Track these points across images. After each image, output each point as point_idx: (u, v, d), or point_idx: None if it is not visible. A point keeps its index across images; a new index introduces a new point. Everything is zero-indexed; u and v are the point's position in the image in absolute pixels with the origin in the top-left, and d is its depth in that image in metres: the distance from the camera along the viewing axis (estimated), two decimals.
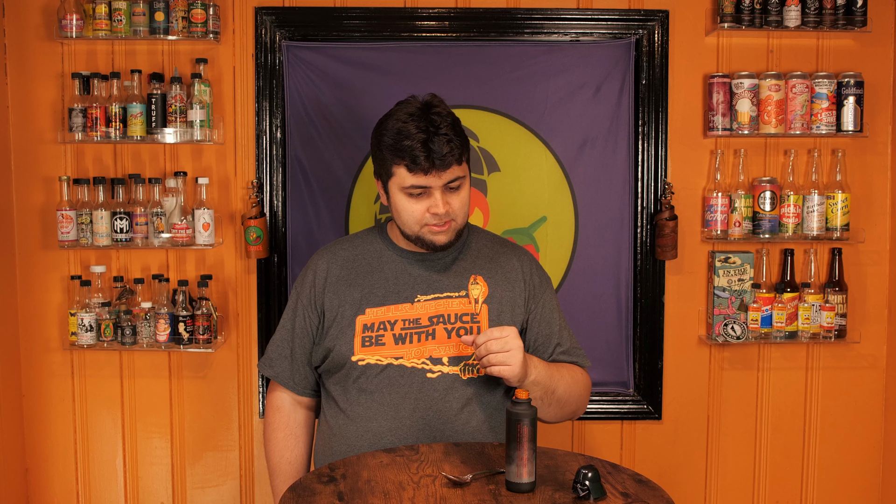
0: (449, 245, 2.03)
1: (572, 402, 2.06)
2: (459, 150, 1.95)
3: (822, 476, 2.94)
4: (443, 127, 1.93)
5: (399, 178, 1.96)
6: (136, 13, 2.67)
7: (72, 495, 2.90)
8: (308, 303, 2.09)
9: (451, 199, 1.98)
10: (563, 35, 2.80)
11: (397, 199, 1.99)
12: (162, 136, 2.68)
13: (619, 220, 2.84)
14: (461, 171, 1.98)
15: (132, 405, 2.88)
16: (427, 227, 1.98)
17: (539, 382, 1.95)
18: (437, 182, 1.94)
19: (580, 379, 2.09)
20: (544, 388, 1.97)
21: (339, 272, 2.08)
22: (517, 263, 2.13)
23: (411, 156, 1.91)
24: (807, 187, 2.80)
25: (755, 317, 2.78)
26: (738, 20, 2.72)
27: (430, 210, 1.96)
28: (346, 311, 2.04)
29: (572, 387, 2.05)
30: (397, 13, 2.79)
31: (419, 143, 1.90)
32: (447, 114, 1.97)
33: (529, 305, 2.10)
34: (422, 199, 1.97)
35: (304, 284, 2.12)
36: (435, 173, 1.93)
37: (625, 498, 1.65)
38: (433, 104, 1.97)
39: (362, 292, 2.05)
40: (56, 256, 2.83)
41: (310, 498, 1.64)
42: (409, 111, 1.96)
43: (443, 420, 1.98)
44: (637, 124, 2.82)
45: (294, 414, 2.15)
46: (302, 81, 2.78)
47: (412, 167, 1.92)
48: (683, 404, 2.91)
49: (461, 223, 2.03)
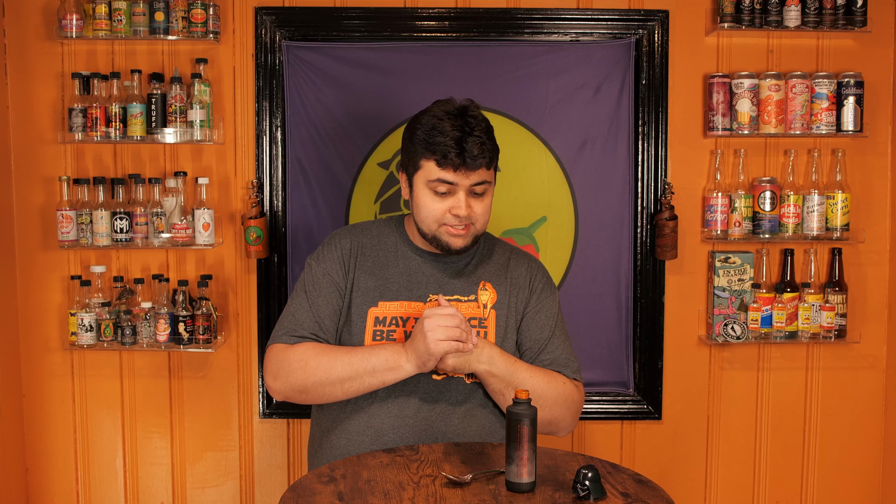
0: (465, 250, 2.02)
1: (546, 403, 1.97)
2: (490, 154, 1.96)
3: (822, 476, 2.94)
4: (477, 129, 1.94)
5: (426, 172, 1.97)
6: (136, 13, 2.67)
7: (72, 495, 2.90)
8: (339, 267, 2.04)
9: (475, 203, 1.98)
10: (563, 35, 2.80)
11: (420, 194, 1.99)
12: (162, 136, 2.68)
13: (619, 220, 2.84)
14: (489, 176, 1.99)
15: (132, 405, 2.88)
16: (445, 227, 1.98)
17: (497, 373, 1.94)
18: (465, 182, 1.95)
19: (560, 387, 2.01)
20: (503, 381, 1.95)
21: (359, 255, 2.07)
22: (525, 270, 2.13)
23: (443, 151, 1.92)
24: (807, 187, 2.80)
25: (755, 317, 2.78)
26: (738, 20, 2.72)
27: (452, 210, 1.96)
28: (359, 299, 2.03)
29: (543, 387, 1.97)
30: (397, 13, 2.79)
31: (452, 141, 1.92)
32: (482, 119, 1.99)
33: (525, 308, 2.09)
34: (446, 198, 1.97)
35: (327, 256, 2.06)
36: (464, 172, 1.94)
37: (625, 498, 1.65)
38: (470, 108, 1.99)
39: (376, 283, 2.04)
40: (56, 256, 2.83)
41: (310, 498, 1.64)
42: (446, 109, 1.98)
43: (446, 422, 1.98)
44: (637, 124, 2.82)
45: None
46: (302, 81, 2.78)
47: (442, 162, 1.93)
48: (683, 404, 2.91)
49: (480, 230, 2.03)
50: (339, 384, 1.92)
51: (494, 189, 2.06)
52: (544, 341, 2.07)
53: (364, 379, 1.91)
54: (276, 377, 1.97)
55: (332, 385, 1.93)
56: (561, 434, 2.08)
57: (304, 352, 1.95)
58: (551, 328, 2.09)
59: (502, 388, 1.96)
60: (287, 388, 1.97)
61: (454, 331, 1.86)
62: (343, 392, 1.93)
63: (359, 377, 1.91)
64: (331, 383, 1.92)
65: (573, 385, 2.05)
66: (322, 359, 1.93)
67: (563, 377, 2.04)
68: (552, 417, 2.01)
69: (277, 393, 1.99)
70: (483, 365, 1.94)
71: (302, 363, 1.94)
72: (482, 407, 2.02)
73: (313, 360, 1.94)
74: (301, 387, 1.95)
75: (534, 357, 2.07)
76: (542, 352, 2.07)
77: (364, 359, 1.92)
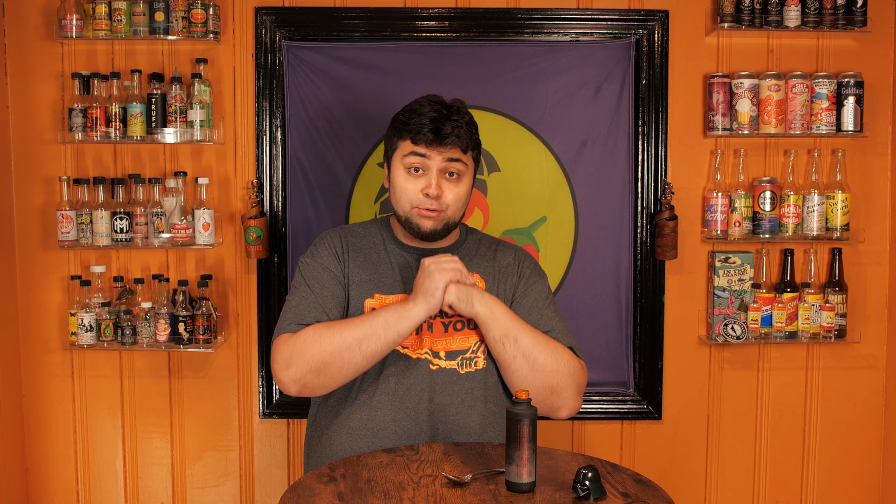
0: (434, 234, 2.03)
1: (548, 365, 1.95)
2: (467, 138, 2.00)
3: (822, 476, 2.94)
4: (455, 115, 2.00)
5: (401, 150, 2.02)
6: (136, 13, 2.67)
7: (72, 495, 2.90)
8: (336, 261, 2.05)
9: (447, 186, 2.00)
10: (563, 35, 2.80)
11: (396, 174, 2.03)
12: (162, 136, 2.69)
13: (619, 220, 2.84)
14: (464, 159, 2.01)
15: (132, 405, 2.88)
16: (416, 209, 2.01)
17: (497, 317, 1.95)
18: (437, 157, 1.98)
19: (562, 352, 1.98)
20: (503, 327, 1.95)
21: (351, 252, 2.09)
22: (512, 259, 2.14)
23: (417, 127, 1.97)
24: (807, 187, 2.80)
25: (755, 317, 2.78)
26: (738, 20, 2.72)
27: (423, 190, 1.99)
28: (354, 291, 2.05)
29: (544, 346, 1.96)
30: (397, 13, 2.79)
31: (428, 120, 1.97)
32: (466, 112, 2.04)
33: (515, 294, 2.09)
34: (419, 177, 2.00)
35: (322, 252, 2.08)
36: (436, 147, 1.97)
37: (625, 498, 1.65)
38: (456, 102, 2.05)
39: (370, 276, 2.06)
40: (56, 256, 2.83)
41: (310, 498, 1.64)
42: (430, 98, 2.04)
43: (446, 413, 1.98)
44: (637, 124, 2.82)
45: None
46: (302, 81, 2.78)
47: (416, 138, 1.98)
48: (683, 404, 2.92)
49: (451, 217, 2.03)
50: (356, 346, 1.91)
51: (495, 189, 2.06)
52: (534, 321, 2.04)
53: (380, 334, 1.92)
54: (288, 364, 1.92)
55: (349, 350, 1.90)
56: (563, 413, 2.00)
57: (316, 328, 1.94)
58: (540, 310, 2.07)
59: (501, 335, 1.96)
60: (303, 371, 1.91)
61: (454, 264, 1.94)
62: (362, 354, 1.91)
63: (374, 333, 1.91)
64: (348, 347, 1.90)
65: (576, 358, 2.02)
66: (335, 327, 1.94)
67: (565, 346, 2.02)
68: (555, 383, 1.96)
69: (292, 382, 1.93)
70: (483, 307, 1.96)
71: (316, 336, 1.92)
72: (483, 400, 2.02)
73: (326, 331, 1.93)
74: (319, 362, 1.91)
75: None
76: (536, 327, 2.03)
77: (374, 316, 1.94)
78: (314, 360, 1.91)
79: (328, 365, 1.91)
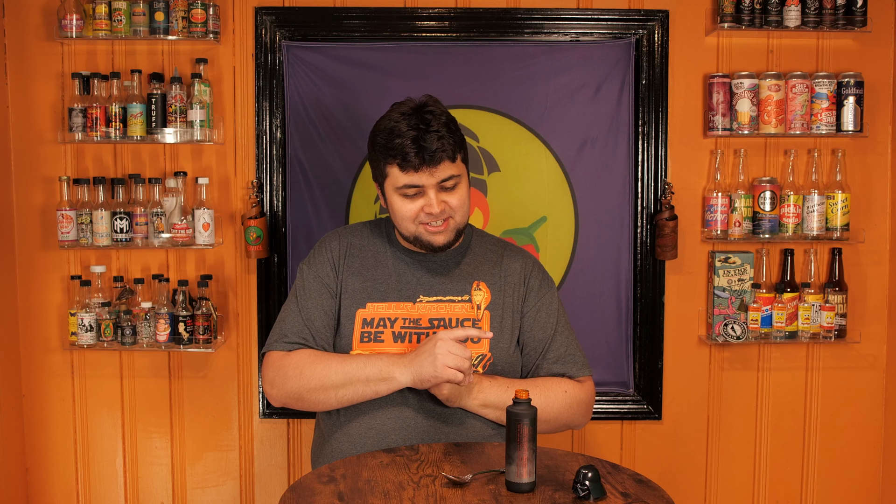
0: (448, 245, 2.02)
1: (553, 417, 2.00)
2: (452, 147, 1.94)
3: (822, 476, 2.94)
4: (434, 124, 1.93)
5: (392, 179, 1.97)
6: (136, 13, 2.67)
7: (72, 495, 2.90)
8: (330, 269, 2.06)
9: (448, 197, 1.97)
10: (563, 35, 2.80)
11: (392, 200, 1.99)
12: (162, 136, 2.68)
13: (619, 220, 2.84)
14: (455, 169, 1.97)
15: (132, 405, 2.88)
16: (423, 226, 1.98)
17: (490, 404, 1.97)
18: (430, 180, 1.94)
19: (561, 397, 2.01)
20: (497, 410, 1.97)
21: (348, 256, 2.08)
22: (519, 267, 2.11)
23: (402, 153, 1.91)
24: (807, 187, 2.80)
25: (755, 317, 2.78)
26: (738, 20, 2.72)
27: (425, 209, 1.96)
28: (346, 301, 2.04)
29: (547, 403, 1.98)
30: (397, 13, 2.79)
31: (409, 140, 1.91)
32: (441, 113, 1.97)
33: (524, 308, 2.08)
34: (416, 199, 1.97)
35: (319, 259, 2.08)
36: (426, 170, 1.93)
37: (625, 498, 1.65)
38: (427, 104, 1.97)
39: (364, 284, 2.04)
40: (56, 256, 2.83)
41: (310, 498, 1.64)
42: (401, 111, 1.97)
43: (446, 422, 1.98)
44: (637, 124, 2.82)
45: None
46: (302, 81, 2.78)
47: (403, 165, 1.93)
48: (683, 404, 2.91)
49: (460, 221, 2.01)
50: (332, 391, 1.94)
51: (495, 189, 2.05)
52: (547, 340, 2.07)
53: (357, 387, 1.93)
54: (272, 385, 2.00)
55: (325, 392, 1.94)
56: (577, 428, 2.16)
57: (300, 359, 1.97)
58: (553, 325, 2.08)
59: (497, 417, 1.99)
60: (283, 395, 1.99)
61: (463, 362, 1.86)
62: (337, 400, 1.95)
63: (352, 385, 1.93)
64: (324, 390, 1.94)
65: (577, 386, 2.05)
66: (317, 366, 1.95)
67: (564, 382, 2.04)
68: (564, 423, 2.04)
69: (275, 399, 2.02)
70: (475, 402, 1.96)
71: (297, 371, 1.96)
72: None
73: (308, 367, 1.96)
74: (296, 394, 1.97)
75: (538, 357, 2.06)
76: (547, 350, 2.07)
77: (359, 368, 1.93)
78: (293, 392, 1.97)
79: (304, 399, 1.97)
